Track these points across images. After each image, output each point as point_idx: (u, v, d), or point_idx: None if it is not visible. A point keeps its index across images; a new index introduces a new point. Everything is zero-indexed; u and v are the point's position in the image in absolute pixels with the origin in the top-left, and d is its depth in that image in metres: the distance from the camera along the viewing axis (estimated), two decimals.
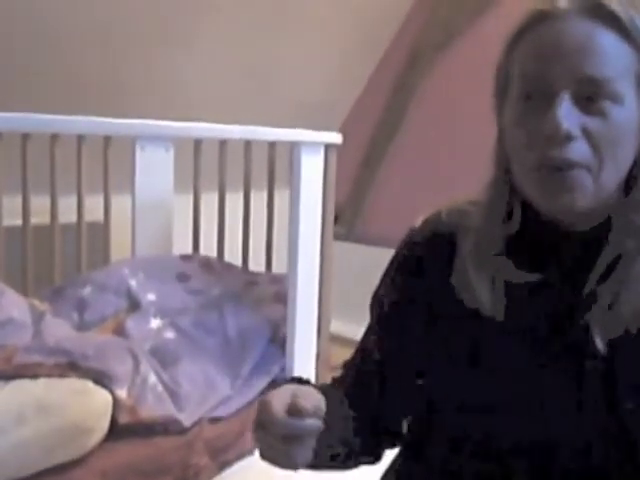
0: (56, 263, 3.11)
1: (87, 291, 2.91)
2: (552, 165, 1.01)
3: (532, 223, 1.11)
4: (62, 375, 2.25)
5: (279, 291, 3.16)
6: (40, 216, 3.07)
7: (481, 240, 1.14)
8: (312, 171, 2.99)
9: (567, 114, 0.99)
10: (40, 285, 3.05)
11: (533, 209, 1.09)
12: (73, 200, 3.14)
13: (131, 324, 2.80)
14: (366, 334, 1.35)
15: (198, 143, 3.42)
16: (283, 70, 4.73)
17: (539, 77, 1.02)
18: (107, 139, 3.15)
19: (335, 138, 3.18)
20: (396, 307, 1.26)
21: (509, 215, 1.13)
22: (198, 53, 4.21)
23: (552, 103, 1.00)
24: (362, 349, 1.35)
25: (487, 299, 1.11)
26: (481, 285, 1.12)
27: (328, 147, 3.13)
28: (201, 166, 3.46)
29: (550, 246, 1.11)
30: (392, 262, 1.29)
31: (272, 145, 3.43)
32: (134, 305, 2.94)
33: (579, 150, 1.00)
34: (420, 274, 1.22)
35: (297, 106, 4.96)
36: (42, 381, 2.20)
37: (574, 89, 1.00)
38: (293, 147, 2.99)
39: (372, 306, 1.33)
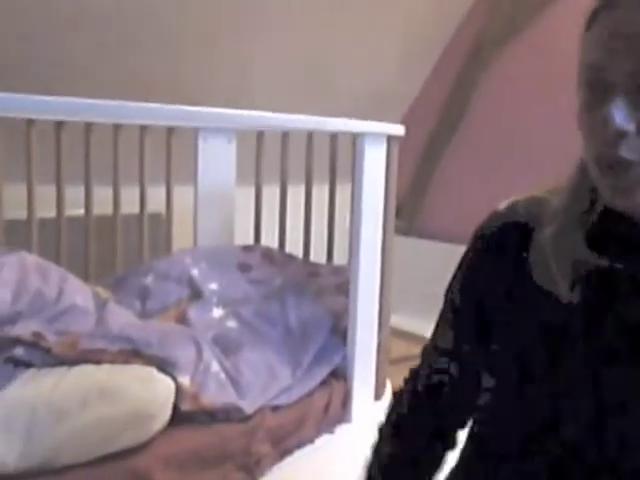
0: (118, 253, 3.14)
1: (149, 280, 2.93)
2: (606, 163, 0.97)
3: (610, 213, 1.06)
4: (126, 362, 2.25)
5: (340, 282, 3.15)
6: (103, 206, 3.10)
7: (562, 226, 1.09)
8: (375, 163, 2.97)
9: (623, 109, 0.94)
10: (102, 275, 3.08)
11: None
12: (136, 191, 3.16)
13: (193, 313, 2.81)
14: (436, 332, 1.33)
15: (260, 135, 3.42)
16: (345, 62, 4.73)
17: (601, 68, 0.96)
18: (170, 130, 3.17)
19: (398, 130, 3.14)
20: (469, 299, 1.24)
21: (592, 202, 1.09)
22: (261, 45, 4.22)
23: (610, 97, 0.95)
24: (432, 348, 1.32)
25: (565, 285, 1.07)
26: (560, 272, 1.07)
27: (391, 139, 3.10)
28: (263, 158, 3.46)
29: (627, 236, 1.05)
30: (467, 252, 1.26)
31: (334, 137, 3.42)
32: (196, 294, 2.95)
33: (633, 147, 0.94)
34: (494, 263, 1.19)
35: (358, 98, 4.96)
36: (106, 367, 2.21)
37: (635, 83, 0.94)
38: (356, 138, 2.97)
39: (446, 299, 1.30)
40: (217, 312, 2.88)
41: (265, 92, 4.41)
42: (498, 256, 1.18)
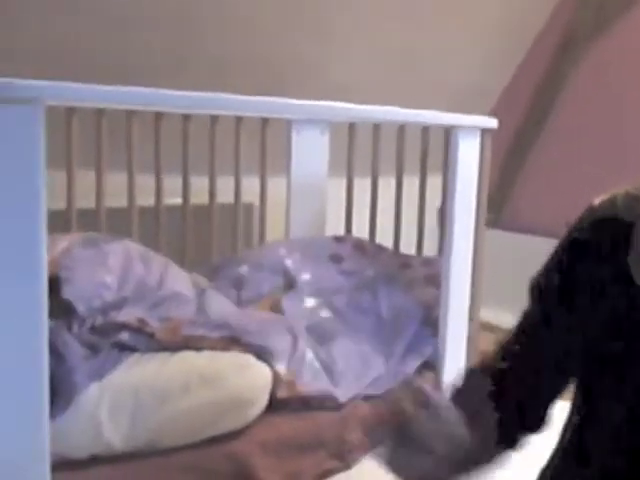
0: (213, 242, 3.20)
1: (244, 269, 2.98)
2: None
3: None
4: (225, 349, 2.30)
5: (431, 274, 3.15)
6: (199, 196, 3.16)
7: None
8: (468, 156, 2.96)
9: None
10: (197, 263, 3.14)
11: None
12: (231, 181, 3.22)
13: (287, 303, 2.85)
14: (523, 319, 1.28)
15: (352, 127, 3.45)
16: (434, 55, 4.71)
17: None
18: (265, 121, 3.22)
19: (491, 123, 3.14)
20: (560, 291, 1.19)
21: None
22: (351, 36, 4.24)
23: None
24: (519, 333, 1.28)
25: None
26: None
27: (484, 132, 3.10)
28: (355, 150, 3.49)
29: None
30: (560, 245, 1.21)
31: (425, 130, 3.43)
32: (289, 284, 2.99)
33: None
34: (589, 259, 1.14)
35: (446, 91, 4.94)
36: (206, 353, 2.26)
37: None
38: (450, 131, 2.97)
39: (532, 289, 1.25)
40: (309, 302, 2.91)
41: (355, 86, 4.42)
42: (594, 253, 1.14)
